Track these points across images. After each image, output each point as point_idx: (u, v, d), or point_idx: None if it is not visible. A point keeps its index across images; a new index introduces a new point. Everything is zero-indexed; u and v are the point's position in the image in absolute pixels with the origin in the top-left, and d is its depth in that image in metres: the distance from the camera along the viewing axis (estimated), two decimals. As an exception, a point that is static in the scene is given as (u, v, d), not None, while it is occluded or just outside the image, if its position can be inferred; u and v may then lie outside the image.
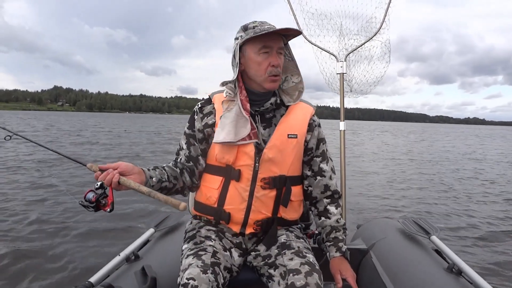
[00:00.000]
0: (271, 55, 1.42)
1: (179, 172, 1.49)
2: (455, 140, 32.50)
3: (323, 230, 1.59)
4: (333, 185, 1.60)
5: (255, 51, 1.42)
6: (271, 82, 1.45)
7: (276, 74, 1.43)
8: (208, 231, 1.48)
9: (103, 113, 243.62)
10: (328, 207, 1.59)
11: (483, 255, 4.08)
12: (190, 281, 1.19)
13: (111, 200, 1.28)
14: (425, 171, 11.10)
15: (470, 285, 1.58)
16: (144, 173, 1.36)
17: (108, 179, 1.25)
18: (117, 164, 1.31)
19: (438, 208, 6.32)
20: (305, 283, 1.23)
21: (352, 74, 2.37)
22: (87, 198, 1.27)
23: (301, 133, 1.50)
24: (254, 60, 1.43)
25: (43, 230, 4.33)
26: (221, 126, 1.43)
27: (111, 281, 1.48)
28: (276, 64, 1.42)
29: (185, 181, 1.51)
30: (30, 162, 9.57)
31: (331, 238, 1.56)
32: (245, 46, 1.44)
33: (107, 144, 16.29)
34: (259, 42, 1.40)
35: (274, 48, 1.42)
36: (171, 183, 1.45)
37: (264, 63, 1.42)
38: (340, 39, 2.32)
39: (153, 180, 1.38)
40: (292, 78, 1.56)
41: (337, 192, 1.62)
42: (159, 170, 1.43)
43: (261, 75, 1.43)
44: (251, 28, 1.41)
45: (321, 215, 1.59)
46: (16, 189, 6.38)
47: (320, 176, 1.57)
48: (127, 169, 1.30)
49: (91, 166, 1.32)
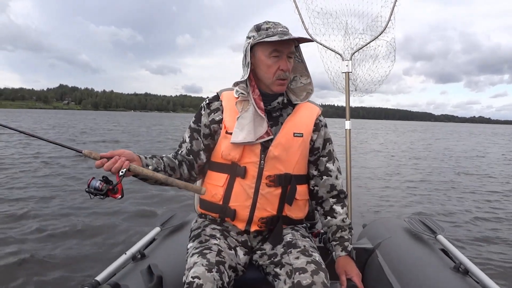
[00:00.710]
0: (281, 59, 1.42)
1: (177, 164, 1.50)
2: (462, 139, 32.27)
3: (329, 229, 1.59)
4: (339, 185, 1.60)
5: (265, 54, 1.42)
6: (279, 85, 1.46)
7: (284, 78, 1.45)
8: (213, 230, 1.48)
9: (112, 112, 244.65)
10: (334, 207, 1.59)
11: (491, 255, 4.05)
12: (195, 279, 1.19)
13: (121, 187, 1.26)
14: (430, 169, 11.05)
15: (477, 284, 1.57)
16: (141, 161, 1.36)
17: (116, 167, 1.24)
18: (121, 151, 1.30)
19: (445, 207, 6.28)
20: (312, 281, 1.23)
21: (357, 73, 2.36)
22: (91, 186, 1.23)
23: (307, 132, 1.51)
24: (264, 62, 1.43)
25: (48, 228, 4.36)
26: (239, 127, 1.43)
27: (117, 279, 1.49)
28: (285, 69, 1.42)
29: (183, 173, 1.51)
30: (29, 158, 9.61)
31: (337, 237, 1.56)
32: (256, 47, 1.44)
33: (128, 142, 16.48)
34: (270, 45, 1.41)
35: (285, 52, 1.42)
36: (166, 173, 1.44)
37: (274, 66, 1.42)
38: (345, 38, 2.32)
39: (149, 168, 1.36)
40: (301, 79, 1.58)
41: (343, 192, 1.62)
42: (156, 160, 1.43)
43: (269, 77, 1.44)
44: (264, 30, 1.42)
45: (327, 214, 1.60)
46: (19, 187, 6.40)
47: (326, 176, 1.58)
48: (128, 157, 1.30)
49: (90, 153, 1.26)
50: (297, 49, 1.54)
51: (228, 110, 1.51)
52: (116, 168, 1.24)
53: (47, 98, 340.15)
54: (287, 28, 1.44)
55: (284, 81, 1.46)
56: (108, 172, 1.26)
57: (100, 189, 1.23)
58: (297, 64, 1.56)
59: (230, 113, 1.50)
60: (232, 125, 1.46)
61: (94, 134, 21.29)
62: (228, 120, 1.49)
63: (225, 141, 1.48)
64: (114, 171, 1.24)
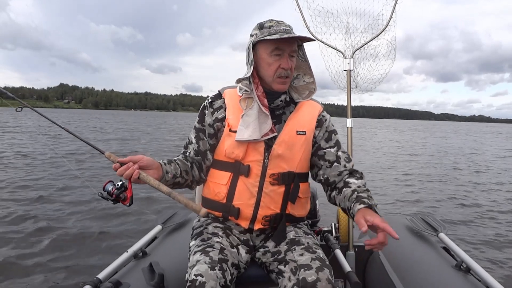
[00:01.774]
0: (283, 58, 1.41)
1: (189, 166, 1.50)
2: (460, 136, 32.26)
3: (344, 200, 1.42)
4: (350, 166, 1.51)
5: (267, 52, 1.42)
6: (280, 84, 1.45)
7: (286, 76, 1.44)
8: (215, 228, 1.48)
9: (113, 111, 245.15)
10: (347, 179, 1.47)
11: (493, 253, 4.06)
12: (198, 277, 1.19)
13: (130, 194, 1.29)
14: (432, 167, 11.06)
15: (479, 282, 1.57)
16: (161, 167, 1.37)
17: (127, 174, 1.26)
18: (140, 157, 1.32)
19: (447, 204, 6.30)
20: (317, 278, 1.23)
21: (358, 71, 2.36)
22: (105, 189, 1.28)
23: (309, 130, 1.50)
24: (266, 60, 1.43)
25: (49, 226, 4.38)
26: (244, 124, 1.42)
27: (119, 277, 1.50)
28: (286, 67, 1.42)
29: (194, 175, 1.52)
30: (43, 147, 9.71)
31: (353, 198, 1.36)
32: (259, 45, 1.44)
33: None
34: (271, 44, 1.40)
35: (287, 51, 1.41)
36: (183, 178, 1.46)
37: (275, 64, 1.42)
38: (346, 37, 2.31)
39: (169, 175, 1.39)
40: (304, 77, 1.56)
41: (358, 171, 1.51)
42: (174, 165, 1.44)
43: (270, 75, 1.44)
44: (267, 28, 1.41)
45: (341, 189, 1.46)
46: (22, 184, 6.41)
47: (337, 163, 1.51)
48: (148, 163, 1.32)
49: (110, 156, 1.33)
50: (301, 49, 1.53)
51: (231, 107, 1.50)
52: (127, 175, 1.26)
53: (47, 97, 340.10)
54: (290, 27, 1.43)
55: (286, 80, 1.45)
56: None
57: (111, 194, 1.28)
58: (300, 63, 1.55)
59: (233, 111, 1.49)
60: (236, 123, 1.46)
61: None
62: (232, 118, 1.48)
63: (229, 139, 1.47)
64: (126, 177, 1.27)
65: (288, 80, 1.47)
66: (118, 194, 1.27)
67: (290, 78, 1.48)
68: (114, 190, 1.28)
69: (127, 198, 1.29)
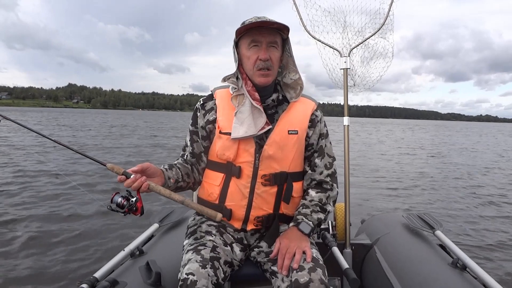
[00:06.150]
0: (260, 49, 1.40)
1: (190, 169, 1.52)
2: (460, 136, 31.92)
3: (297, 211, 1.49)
4: (320, 178, 1.53)
5: (246, 46, 1.42)
6: (260, 76, 1.43)
7: (266, 67, 1.41)
8: (209, 227, 1.49)
9: (121, 110, 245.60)
10: (309, 190, 1.52)
11: (489, 251, 4.03)
12: (189, 276, 1.20)
13: (140, 205, 1.30)
14: (429, 165, 11.00)
15: (475, 280, 1.57)
16: (163, 174, 1.38)
17: (135, 186, 1.26)
18: (147, 165, 1.32)
19: (443, 202, 6.26)
20: (309, 279, 1.22)
21: (355, 70, 2.35)
22: (114, 201, 1.28)
23: (302, 129, 1.49)
24: (245, 54, 1.43)
25: (47, 226, 4.40)
26: (239, 122, 1.42)
27: (115, 276, 1.50)
28: (263, 58, 1.40)
29: (195, 177, 1.54)
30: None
31: (296, 212, 1.47)
32: (240, 42, 1.45)
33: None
34: (248, 36, 1.41)
35: (263, 42, 1.40)
36: (185, 182, 1.48)
37: (253, 57, 1.41)
38: (344, 35, 2.31)
39: (171, 181, 1.41)
40: (289, 75, 1.54)
41: (326, 182, 1.53)
42: (175, 170, 1.45)
43: (251, 69, 1.43)
44: (244, 24, 1.41)
45: (303, 198, 1.53)
46: (19, 187, 6.45)
47: (311, 171, 1.54)
48: (153, 171, 1.34)
49: (113, 168, 1.31)
50: (287, 42, 1.50)
51: (222, 108, 1.50)
52: (135, 188, 1.26)
53: (57, 97, 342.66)
54: (267, 19, 1.38)
55: (267, 72, 1.42)
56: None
57: (121, 206, 1.28)
58: (288, 58, 1.52)
59: (223, 112, 1.49)
60: (226, 124, 1.46)
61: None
62: (222, 119, 1.48)
63: (219, 141, 1.47)
64: (134, 190, 1.27)
65: (271, 72, 1.43)
66: (129, 207, 1.27)
67: (273, 70, 1.44)
68: (124, 202, 1.27)
69: (138, 209, 1.30)
